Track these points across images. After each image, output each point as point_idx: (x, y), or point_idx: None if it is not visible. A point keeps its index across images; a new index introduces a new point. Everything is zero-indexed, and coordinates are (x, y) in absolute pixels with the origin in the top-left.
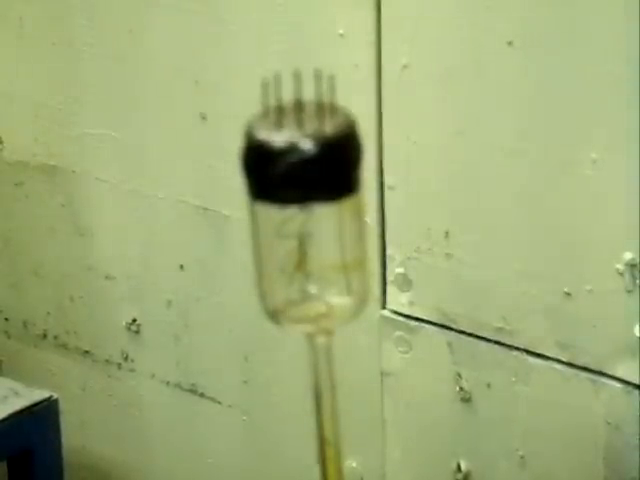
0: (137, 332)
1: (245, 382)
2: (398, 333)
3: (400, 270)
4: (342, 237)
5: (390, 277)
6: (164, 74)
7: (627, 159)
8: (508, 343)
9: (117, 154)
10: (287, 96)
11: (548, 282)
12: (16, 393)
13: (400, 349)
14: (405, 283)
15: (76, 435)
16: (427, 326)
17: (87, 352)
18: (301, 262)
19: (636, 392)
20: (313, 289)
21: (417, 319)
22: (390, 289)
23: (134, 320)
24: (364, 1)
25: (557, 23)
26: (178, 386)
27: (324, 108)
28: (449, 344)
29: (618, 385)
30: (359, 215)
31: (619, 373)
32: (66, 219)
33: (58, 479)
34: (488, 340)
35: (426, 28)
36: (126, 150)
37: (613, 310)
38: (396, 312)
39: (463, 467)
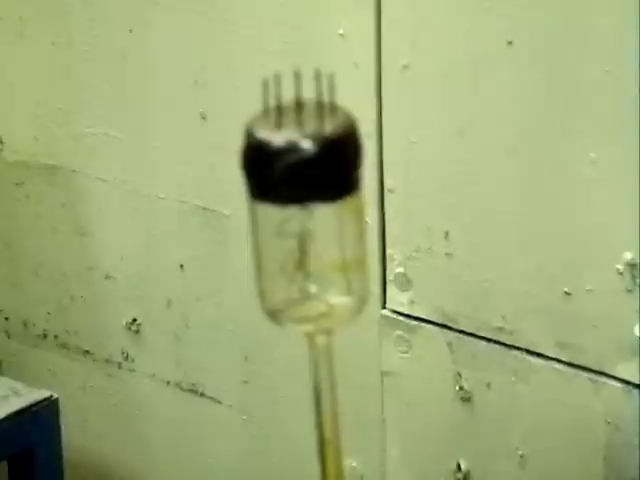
0: (137, 332)
1: (245, 382)
2: (398, 333)
3: (400, 270)
4: (342, 237)
5: (390, 277)
6: (164, 74)
7: (627, 159)
8: (508, 343)
9: (117, 154)
10: (287, 96)
11: (548, 282)
12: (16, 393)
13: (400, 349)
14: (405, 283)
15: (76, 434)
16: (427, 326)
17: (87, 352)
18: (301, 262)
19: (636, 392)
20: (313, 289)
21: (417, 319)
22: (390, 289)
23: (134, 320)
24: (364, 1)
25: (557, 23)
26: (178, 386)
27: (324, 108)
28: (449, 344)
29: (618, 385)
30: (359, 215)
31: (619, 373)
32: (66, 219)
33: (58, 478)
34: (488, 340)
35: (426, 28)
36: (126, 150)
37: (613, 310)
38: (396, 312)
39: (463, 467)
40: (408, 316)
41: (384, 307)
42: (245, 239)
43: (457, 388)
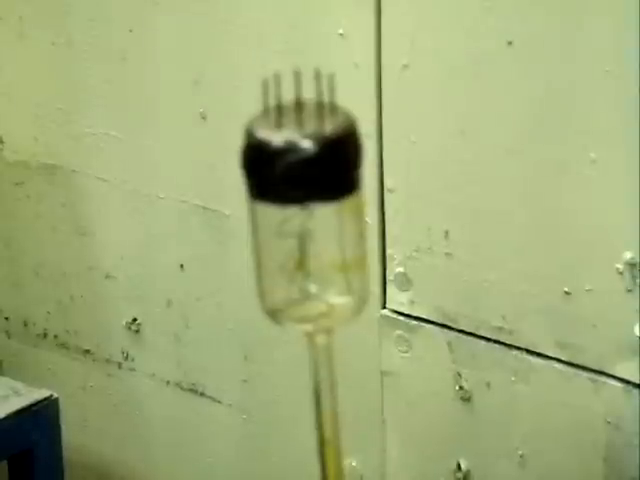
0: (137, 332)
1: (245, 381)
2: (398, 332)
3: (400, 270)
4: (342, 237)
5: (390, 277)
6: (164, 74)
7: (627, 159)
8: (508, 343)
9: (117, 154)
10: (287, 96)
11: (548, 282)
12: (16, 392)
13: (400, 348)
14: (405, 282)
15: (76, 434)
16: (427, 325)
17: (87, 351)
18: (301, 261)
19: (636, 392)
20: (313, 288)
21: (417, 318)
22: (390, 288)
23: (134, 320)
24: (364, 1)
25: (557, 23)
26: (178, 386)
27: (324, 108)
28: (449, 343)
29: (618, 385)
30: (359, 215)
31: (619, 373)
32: (66, 219)
33: (58, 478)
34: (488, 340)
35: (426, 28)
36: (126, 150)
37: (613, 310)
38: (396, 311)
39: (463, 466)
40: (408, 316)
41: (384, 307)
42: (245, 239)
43: (457, 388)
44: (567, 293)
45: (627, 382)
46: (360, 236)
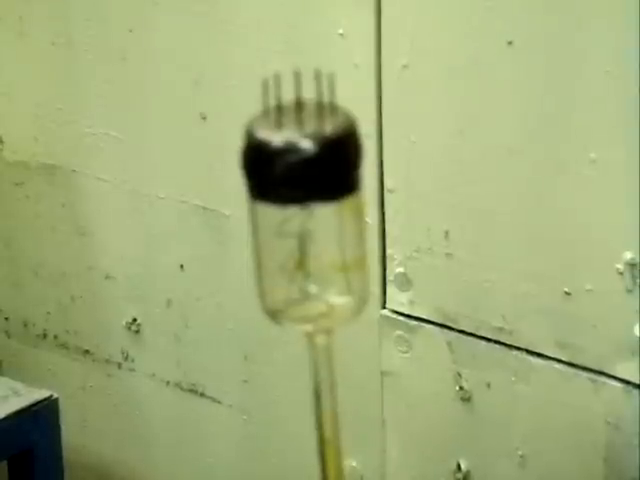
0: (137, 332)
1: (245, 382)
2: (398, 333)
3: (400, 270)
4: (342, 237)
5: (390, 277)
6: (164, 74)
7: (627, 159)
8: (508, 343)
9: (117, 154)
10: (287, 96)
11: (548, 282)
12: (16, 393)
13: (400, 349)
14: (405, 283)
15: (76, 434)
16: (427, 326)
17: (87, 352)
18: (301, 262)
19: (636, 392)
20: (313, 289)
21: (417, 319)
22: (390, 289)
23: (134, 320)
24: (364, 1)
25: (557, 23)
26: (178, 386)
27: (324, 108)
28: (449, 344)
29: (618, 385)
30: (359, 215)
31: (619, 373)
32: (66, 219)
33: (58, 478)
34: (488, 340)
35: (426, 28)
36: (126, 150)
37: (613, 310)
38: (396, 312)
39: (463, 467)
40: (408, 316)
41: (384, 307)
42: (245, 239)
43: (457, 388)
44: (567, 293)
45: (627, 382)
46: (360, 236)
